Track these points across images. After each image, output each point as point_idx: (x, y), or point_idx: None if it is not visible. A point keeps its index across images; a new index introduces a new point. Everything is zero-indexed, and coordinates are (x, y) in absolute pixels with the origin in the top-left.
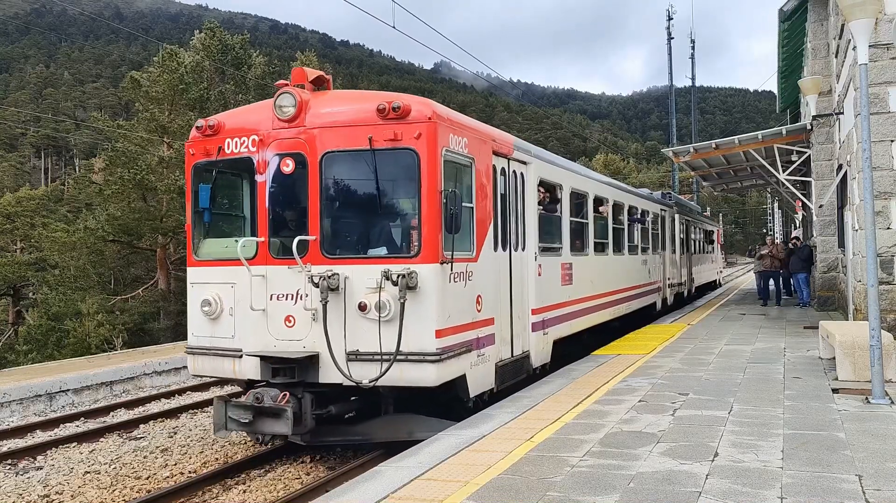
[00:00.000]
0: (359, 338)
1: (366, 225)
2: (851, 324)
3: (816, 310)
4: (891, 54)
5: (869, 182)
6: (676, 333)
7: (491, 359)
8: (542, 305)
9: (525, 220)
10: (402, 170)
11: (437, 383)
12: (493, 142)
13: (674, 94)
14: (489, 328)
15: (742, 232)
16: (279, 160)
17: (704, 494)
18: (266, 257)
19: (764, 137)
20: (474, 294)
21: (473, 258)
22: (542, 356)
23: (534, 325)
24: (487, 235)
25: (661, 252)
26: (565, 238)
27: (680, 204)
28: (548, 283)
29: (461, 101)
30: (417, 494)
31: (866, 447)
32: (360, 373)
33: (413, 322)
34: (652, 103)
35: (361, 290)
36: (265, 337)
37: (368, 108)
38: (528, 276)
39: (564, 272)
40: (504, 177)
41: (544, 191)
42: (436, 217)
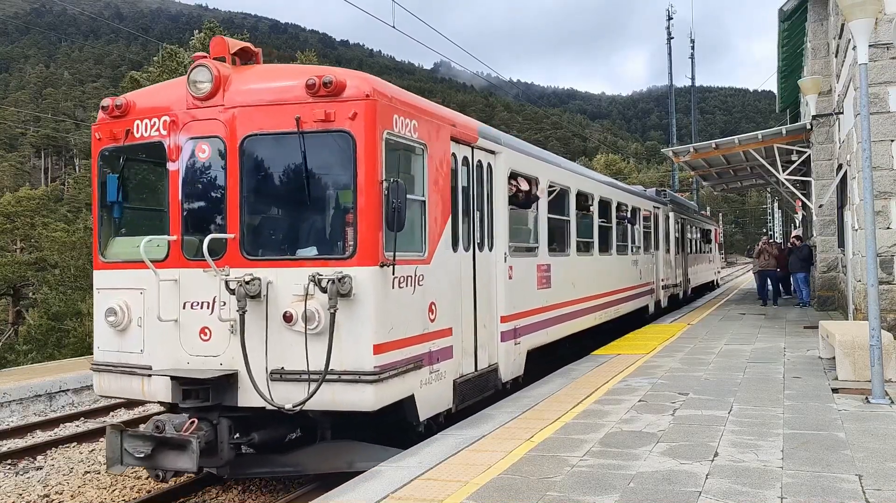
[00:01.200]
0: (284, 353)
1: (293, 221)
2: (851, 323)
3: (816, 310)
4: (891, 54)
5: (869, 182)
6: (676, 333)
7: (448, 375)
8: (513, 312)
9: (493, 216)
10: (335, 156)
11: (376, 407)
12: (453, 127)
13: (674, 94)
14: (446, 340)
15: (742, 231)
16: (194, 145)
17: (704, 494)
18: (179, 259)
19: (764, 137)
20: (426, 301)
21: (425, 259)
22: (514, 368)
23: (503, 335)
24: (444, 233)
25: (654, 252)
26: (542, 237)
27: (675, 201)
28: (521, 287)
29: (461, 101)
30: (417, 494)
31: (866, 447)
32: (285, 395)
33: (347, 335)
34: (652, 103)
35: (287, 298)
36: (177, 352)
37: (297, 84)
38: (496, 280)
39: (541, 274)
40: (467, 167)
41: (517, 184)
42: (375, 211)
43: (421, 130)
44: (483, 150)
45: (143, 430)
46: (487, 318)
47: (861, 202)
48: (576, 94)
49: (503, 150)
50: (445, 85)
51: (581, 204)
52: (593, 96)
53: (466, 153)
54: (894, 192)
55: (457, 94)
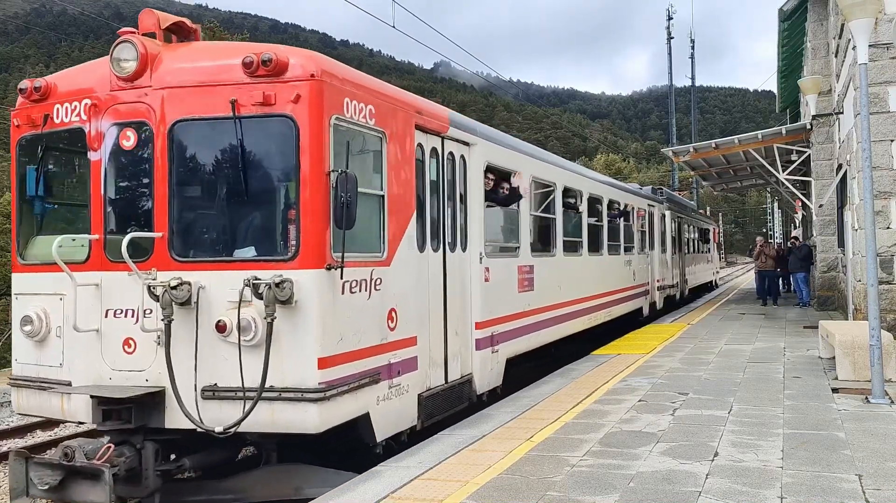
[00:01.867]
0: (217, 368)
1: (229, 218)
2: (851, 323)
3: (816, 310)
4: (890, 54)
5: (869, 182)
6: (676, 333)
7: (411, 388)
8: (490, 317)
9: (467, 213)
10: (275, 144)
11: (322, 428)
12: (418, 114)
13: (673, 94)
14: (409, 350)
15: (742, 231)
16: (117, 131)
17: (704, 494)
18: (101, 261)
19: (764, 137)
20: (385, 307)
21: (383, 261)
22: (492, 379)
23: (478, 342)
24: (406, 232)
25: (649, 252)
26: (524, 236)
27: (672, 200)
28: (499, 290)
29: (461, 101)
30: (417, 494)
31: (866, 446)
32: (218, 415)
33: (288, 347)
34: (652, 103)
35: (221, 305)
36: (99, 366)
37: (233, 64)
38: (470, 282)
39: (523, 276)
40: (436, 159)
41: (495, 179)
42: (321, 207)
43: (379, 117)
44: (455, 140)
45: (51, 458)
46: (460, 325)
47: (861, 202)
48: (576, 94)
49: (478, 142)
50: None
51: (568, 201)
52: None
53: (435, 144)
54: (894, 191)
55: (457, 94)
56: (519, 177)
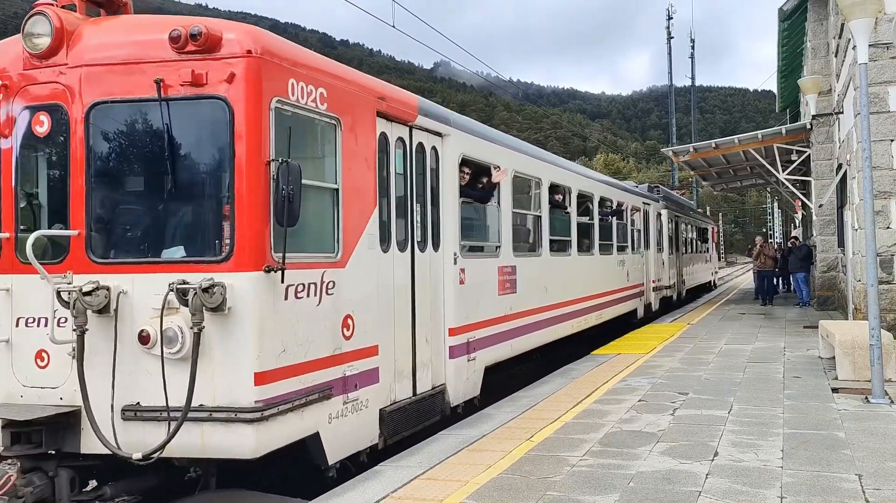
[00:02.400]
0: (140, 385)
1: (156, 213)
2: (851, 323)
3: (816, 310)
4: (890, 54)
5: (869, 181)
6: (676, 333)
7: (372, 403)
8: (466, 322)
9: (440, 210)
10: (207, 129)
11: (259, 453)
12: (381, 100)
13: (673, 94)
14: (369, 361)
15: (742, 231)
16: (30, 116)
17: (704, 493)
18: (12, 262)
19: (764, 137)
20: (339, 314)
21: (338, 262)
22: (468, 389)
23: (452, 350)
24: (366, 230)
25: (644, 251)
26: (506, 234)
27: (668, 198)
28: (476, 293)
29: (461, 101)
30: (417, 494)
31: (866, 446)
32: (141, 438)
33: (220, 361)
34: (652, 103)
35: (146, 312)
36: (9, 382)
37: (160, 39)
38: (443, 285)
39: (504, 278)
40: (403, 150)
41: (472, 173)
42: (258, 201)
43: (332, 101)
44: (425, 130)
45: None
46: (431, 332)
47: (861, 202)
48: (576, 94)
49: (453, 133)
50: (445, 84)
51: (556, 198)
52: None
53: (402, 133)
54: (894, 191)
55: (457, 93)
56: (499, 171)
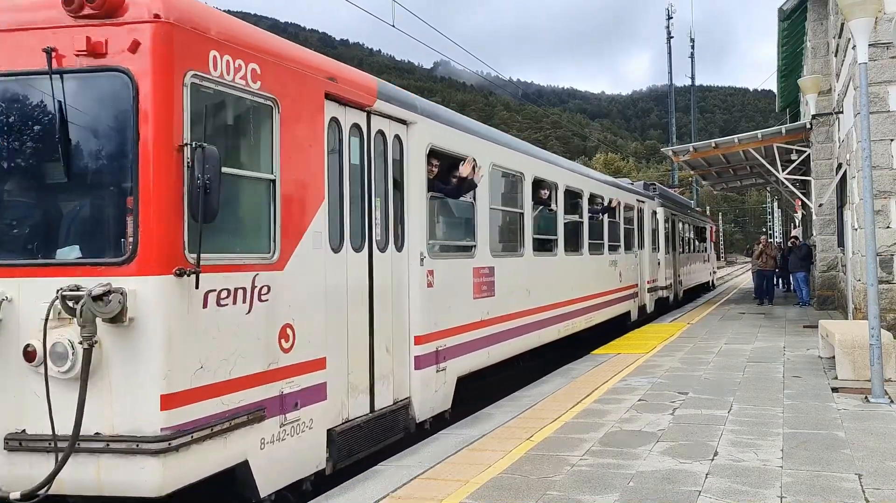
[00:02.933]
0: (26, 410)
1: (47, 207)
2: (851, 323)
3: (816, 310)
4: (890, 53)
5: (868, 181)
6: (676, 333)
7: (317, 423)
8: (435, 329)
9: (404, 205)
10: (106, 107)
11: (167, 490)
12: (331, 81)
13: (673, 93)
14: (313, 376)
15: (742, 231)
16: None
17: (704, 493)
18: None
19: (763, 136)
20: (276, 323)
21: (274, 264)
22: (437, 402)
23: (419, 360)
24: (311, 227)
25: (638, 251)
26: (482, 233)
27: (665, 196)
28: (447, 297)
29: (460, 100)
30: (417, 493)
31: (866, 446)
32: (28, 472)
33: (120, 382)
34: (651, 102)
35: (34, 324)
36: None
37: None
38: (408, 289)
39: (480, 280)
40: (360, 138)
41: (443, 165)
42: (168, 192)
43: (267, 79)
44: (387, 117)
45: None
46: (393, 340)
47: (861, 201)
48: (575, 94)
49: (419, 120)
50: (445, 84)
51: (541, 194)
52: (593, 95)
53: (357, 119)
54: (894, 191)
55: (456, 93)
56: (474, 164)
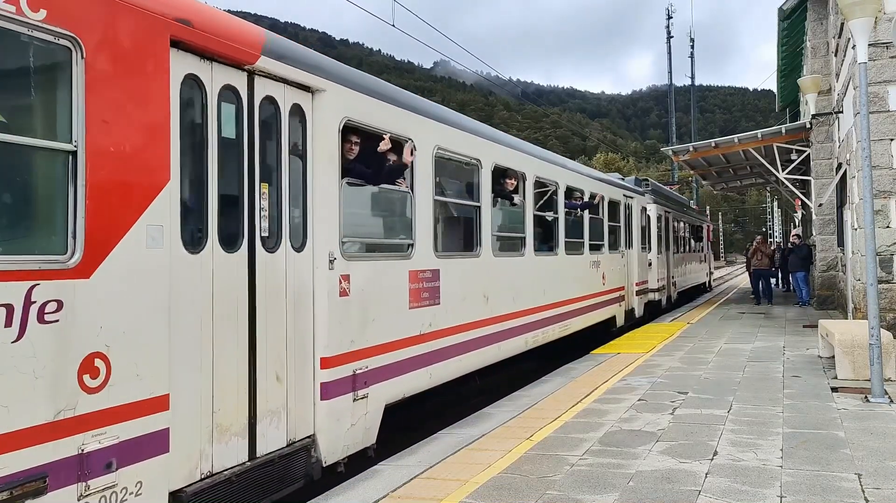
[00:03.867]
0: None
1: None
2: (851, 322)
3: (816, 309)
4: (890, 53)
5: (868, 181)
6: (676, 332)
7: (152, 486)
8: (351, 348)
9: (307, 193)
10: None
11: None
12: (184, 25)
13: (673, 93)
14: (144, 422)
15: (742, 230)
16: None
17: (704, 493)
18: None
19: (763, 136)
20: (75, 352)
21: (76, 269)
22: (355, 437)
23: (327, 388)
24: (142, 218)
25: (626, 250)
26: (423, 229)
27: (658, 192)
28: (370, 307)
29: (460, 100)
30: (417, 493)
31: (865, 446)
32: None
33: None
34: (651, 102)
35: None
36: None
37: None
38: (312, 298)
39: (419, 285)
40: (236, 104)
41: (366, 145)
42: None
43: (59, 11)
44: (280, 80)
45: None
46: (287, 364)
47: (860, 201)
48: (575, 93)
49: (331, 88)
50: (445, 84)
51: (504, 185)
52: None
53: (233, 80)
54: (894, 190)
55: (456, 93)
56: (412, 147)
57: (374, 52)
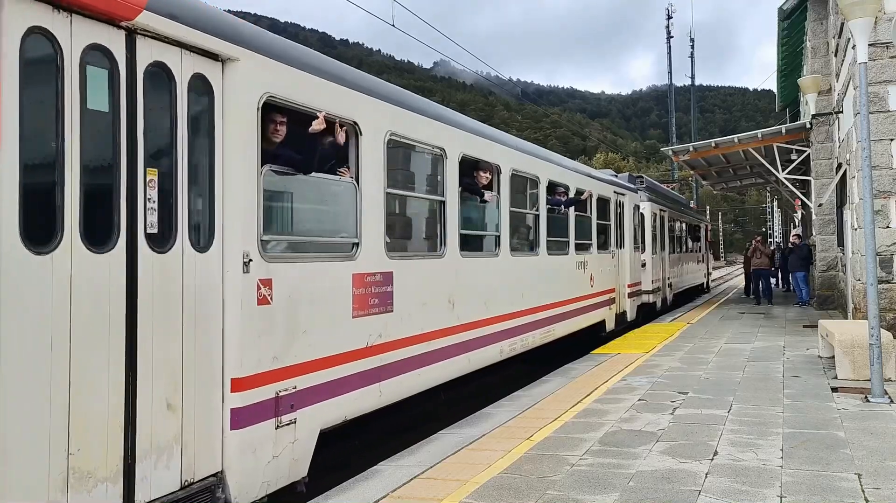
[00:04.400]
0: None
1: None
2: (851, 322)
3: (816, 309)
4: (890, 53)
5: (868, 181)
6: (676, 332)
7: None
8: (276, 366)
9: (213, 181)
10: None
11: None
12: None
13: (673, 93)
14: None
15: (742, 231)
16: None
17: (704, 493)
18: None
19: (763, 136)
20: None
21: None
22: (279, 471)
23: (239, 415)
24: None
25: (618, 250)
26: (371, 226)
27: (653, 190)
28: (301, 317)
29: (460, 100)
30: (417, 493)
31: (865, 446)
32: None
33: None
34: (651, 102)
35: None
36: None
37: None
38: (219, 307)
39: (367, 290)
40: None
41: (294, 126)
42: None
43: None
44: (175, 44)
45: None
46: (184, 388)
47: (860, 201)
48: (575, 94)
49: (247, 57)
50: (445, 84)
51: (475, 178)
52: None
53: (105, 39)
54: (894, 190)
55: (456, 93)
56: (356, 130)
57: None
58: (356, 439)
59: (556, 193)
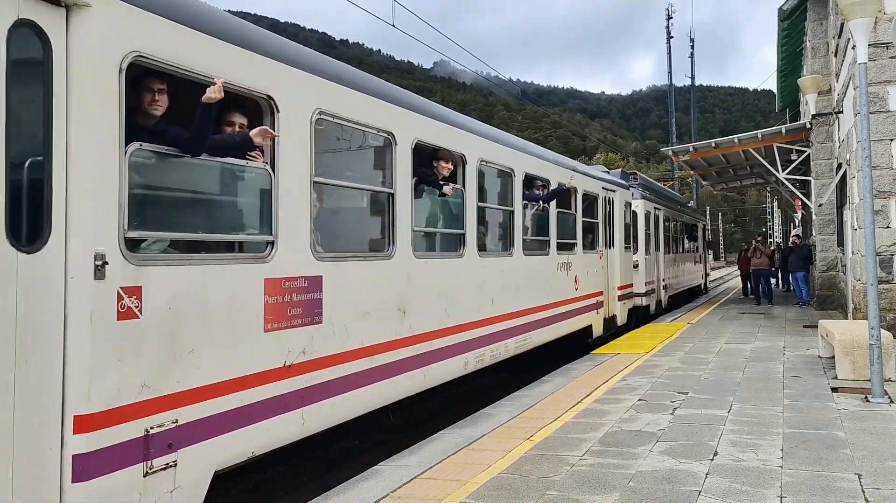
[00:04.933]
0: None
1: None
2: (851, 322)
3: (816, 309)
4: (890, 53)
5: (868, 181)
6: (676, 332)
7: None
8: (144, 396)
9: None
10: None
11: None
12: None
13: (673, 93)
14: None
15: (742, 231)
16: None
17: (704, 493)
18: None
19: (763, 136)
20: None
21: None
22: None
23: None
24: None
25: (606, 251)
26: (293, 221)
27: (648, 187)
28: (187, 333)
29: (460, 100)
30: (417, 493)
31: (866, 446)
32: None
33: None
34: (651, 102)
35: None
36: None
37: None
38: (60, 324)
39: (285, 298)
40: None
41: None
42: None
43: None
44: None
45: None
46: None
47: (860, 201)
48: (575, 94)
49: (103, 5)
50: (445, 84)
51: (435, 169)
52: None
53: None
54: (894, 191)
55: (456, 93)
56: (266, 105)
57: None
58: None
59: (533, 187)
